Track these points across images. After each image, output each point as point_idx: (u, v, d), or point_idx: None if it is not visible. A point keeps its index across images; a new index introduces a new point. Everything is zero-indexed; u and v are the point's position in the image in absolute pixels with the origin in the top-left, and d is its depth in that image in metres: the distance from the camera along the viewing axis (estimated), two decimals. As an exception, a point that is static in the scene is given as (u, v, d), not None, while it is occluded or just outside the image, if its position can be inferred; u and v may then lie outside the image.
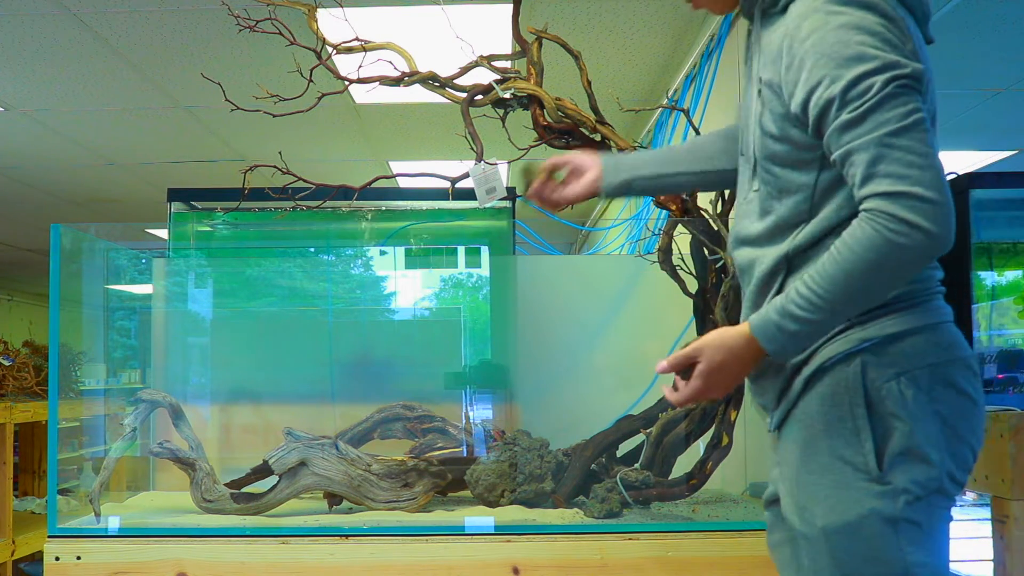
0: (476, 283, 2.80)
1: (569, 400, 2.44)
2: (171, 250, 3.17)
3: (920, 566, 1.24)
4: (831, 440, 1.27)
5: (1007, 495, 1.97)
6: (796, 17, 1.25)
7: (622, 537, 1.91)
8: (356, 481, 2.05)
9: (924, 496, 1.24)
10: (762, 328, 1.25)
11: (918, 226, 1.14)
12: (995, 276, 2.66)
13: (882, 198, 1.15)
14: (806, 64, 1.22)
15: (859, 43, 1.18)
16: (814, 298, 1.21)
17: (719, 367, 1.29)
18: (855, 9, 1.21)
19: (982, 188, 2.27)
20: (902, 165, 1.15)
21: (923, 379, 1.25)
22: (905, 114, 1.16)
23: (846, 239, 1.19)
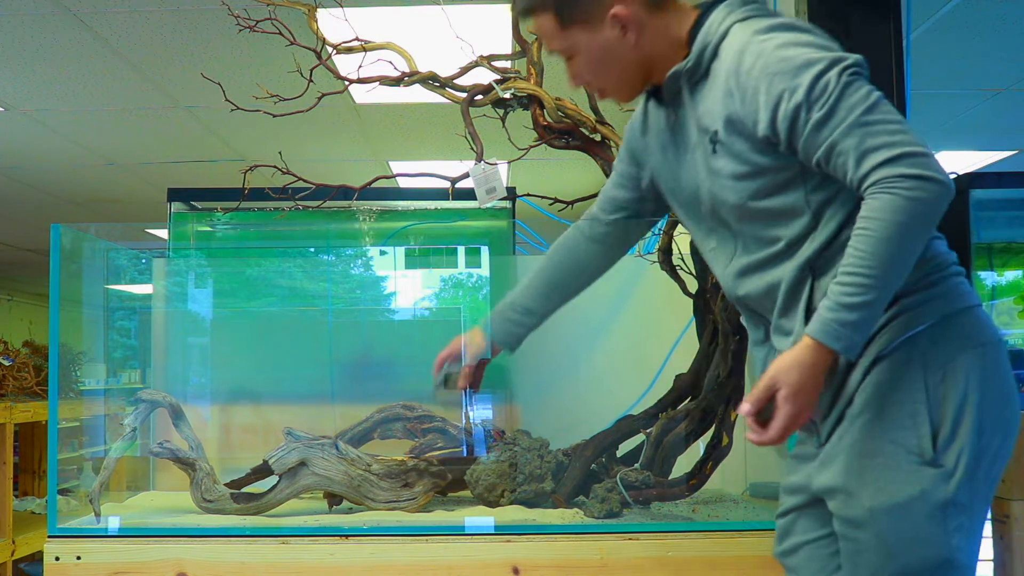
0: (476, 283, 2.80)
1: (569, 400, 2.44)
2: (171, 250, 3.17)
3: (961, 551, 1.27)
4: (885, 424, 1.29)
5: (1007, 495, 1.97)
6: (732, 58, 1.34)
7: (622, 537, 1.91)
8: (356, 481, 2.05)
9: (972, 478, 1.27)
10: (823, 331, 1.26)
11: (927, 177, 1.21)
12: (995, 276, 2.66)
13: (885, 166, 1.22)
14: (761, 88, 1.29)
15: (801, 53, 1.28)
16: (861, 279, 1.23)
17: (801, 387, 1.28)
18: (782, 32, 1.31)
19: (982, 188, 2.27)
20: (887, 134, 1.23)
21: (977, 359, 1.29)
22: (867, 94, 1.25)
23: (868, 214, 1.23)
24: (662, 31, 1.43)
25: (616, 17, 1.41)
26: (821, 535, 1.44)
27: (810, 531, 1.46)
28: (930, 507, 1.25)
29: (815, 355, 1.27)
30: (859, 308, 1.23)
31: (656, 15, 1.43)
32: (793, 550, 1.49)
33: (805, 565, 1.47)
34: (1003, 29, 3.37)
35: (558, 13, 1.44)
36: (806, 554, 1.47)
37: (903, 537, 1.26)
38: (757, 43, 1.31)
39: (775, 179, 1.35)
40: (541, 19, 1.46)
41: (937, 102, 4.21)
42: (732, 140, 1.36)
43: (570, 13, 1.43)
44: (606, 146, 2.09)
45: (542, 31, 1.49)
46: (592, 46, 1.44)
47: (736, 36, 1.34)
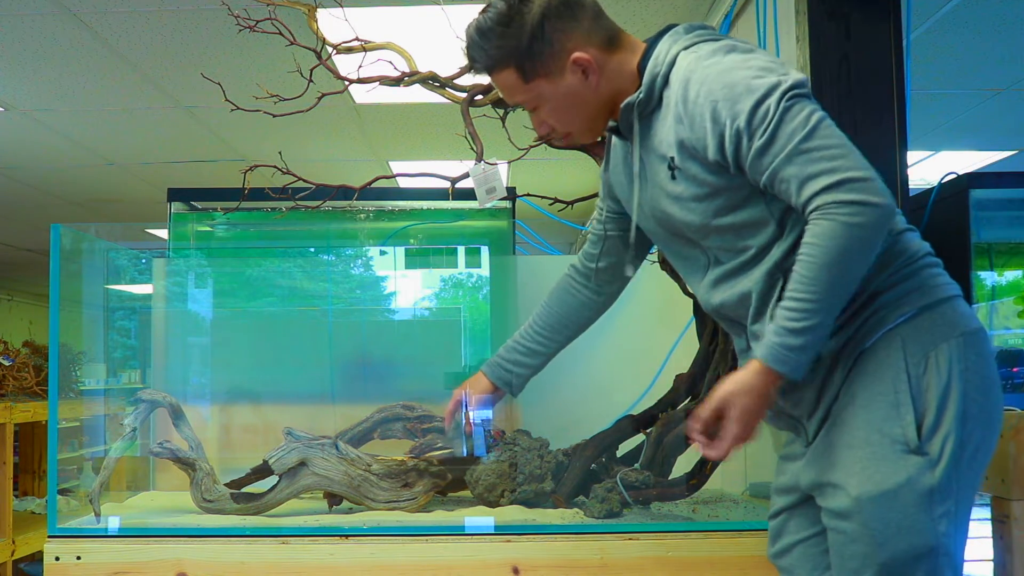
0: (476, 283, 2.80)
1: (569, 400, 2.44)
2: (171, 250, 3.17)
3: (948, 537, 1.28)
4: (869, 414, 1.31)
5: (1007, 495, 1.97)
6: (679, 86, 1.37)
7: (622, 537, 1.91)
8: (356, 481, 2.05)
9: (958, 465, 1.28)
10: (771, 356, 1.30)
11: (865, 202, 1.23)
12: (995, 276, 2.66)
13: (824, 192, 1.25)
14: (706, 115, 1.33)
15: (741, 79, 1.31)
16: (805, 304, 1.27)
17: (748, 409, 1.33)
18: (725, 55, 1.35)
19: (982, 188, 2.27)
20: (827, 160, 1.25)
21: (959, 348, 1.31)
22: (806, 118, 1.27)
23: (810, 239, 1.27)
24: (619, 68, 1.47)
25: (577, 62, 1.44)
26: (813, 533, 1.46)
27: (802, 530, 1.48)
28: (916, 495, 1.27)
29: (763, 379, 1.31)
30: (803, 332, 1.27)
31: (613, 54, 1.47)
32: (786, 550, 1.50)
33: (799, 564, 1.48)
34: (1003, 29, 3.37)
35: (519, 68, 1.46)
36: (799, 553, 1.48)
37: (890, 525, 1.27)
38: (701, 70, 1.34)
39: (734, 196, 1.39)
40: (502, 75, 1.48)
41: (937, 102, 4.21)
42: (687, 165, 1.39)
43: (532, 67, 1.45)
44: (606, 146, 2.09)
45: (504, 86, 1.51)
46: (556, 94, 1.47)
47: (682, 64, 1.38)
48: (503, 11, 1.44)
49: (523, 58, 1.45)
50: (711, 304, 1.50)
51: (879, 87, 2.06)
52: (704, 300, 1.52)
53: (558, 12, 1.43)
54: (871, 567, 1.28)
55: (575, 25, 1.44)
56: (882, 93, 2.06)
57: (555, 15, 1.43)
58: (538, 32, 1.43)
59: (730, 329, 1.53)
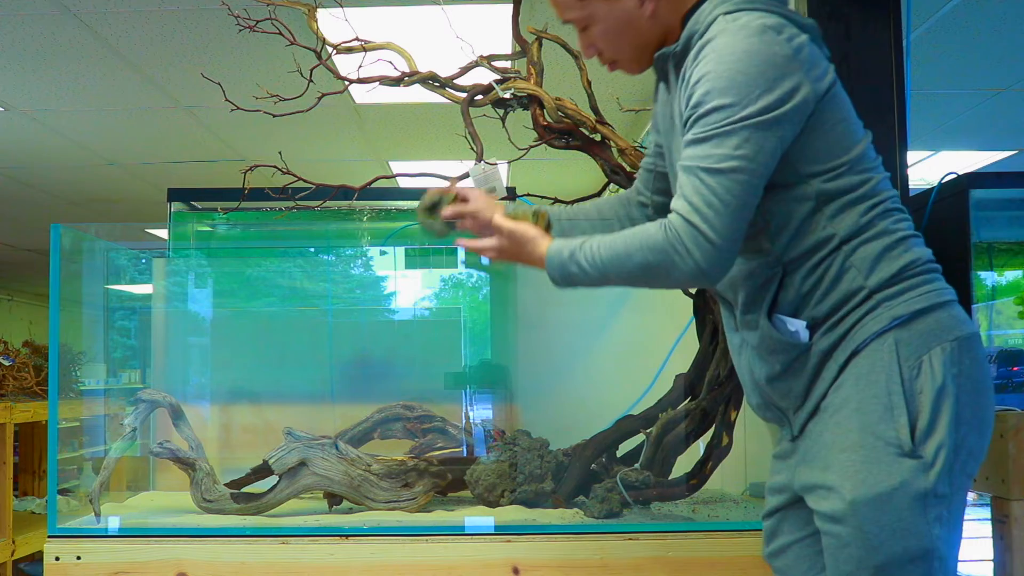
0: (476, 283, 2.80)
1: (569, 400, 2.44)
2: (171, 250, 3.17)
3: (943, 541, 1.28)
4: (863, 417, 1.31)
5: (1007, 495, 1.97)
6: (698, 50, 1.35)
7: (622, 537, 1.91)
8: (356, 481, 2.05)
9: (951, 470, 1.28)
10: (555, 256, 1.40)
11: (692, 256, 1.28)
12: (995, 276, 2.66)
13: (680, 217, 1.29)
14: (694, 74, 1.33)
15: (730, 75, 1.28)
16: (596, 260, 1.36)
17: (506, 254, 1.48)
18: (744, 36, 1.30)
19: (982, 188, 2.27)
20: (704, 201, 1.27)
21: (953, 352, 1.30)
22: (729, 156, 1.27)
23: (646, 229, 1.34)
24: (676, 6, 1.43)
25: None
26: (807, 534, 1.45)
27: (796, 531, 1.48)
28: (911, 498, 1.26)
29: (537, 259, 1.44)
30: (581, 273, 1.38)
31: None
32: (781, 550, 1.50)
33: (794, 565, 1.48)
34: (1003, 29, 3.37)
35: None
36: (794, 554, 1.48)
37: (885, 528, 1.27)
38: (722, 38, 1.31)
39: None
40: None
41: (937, 102, 4.21)
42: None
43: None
44: (606, 146, 2.09)
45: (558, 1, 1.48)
46: (610, 16, 1.44)
47: (716, 27, 1.34)
48: None
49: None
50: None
51: (879, 87, 2.06)
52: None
53: None
54: (865, 570, 1.28)
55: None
56: (882, 93, 2.05)
57: None
58: None
59: (722, 305, 1.53)
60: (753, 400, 1.51)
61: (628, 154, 2.08)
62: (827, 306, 1.35)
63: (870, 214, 1.34)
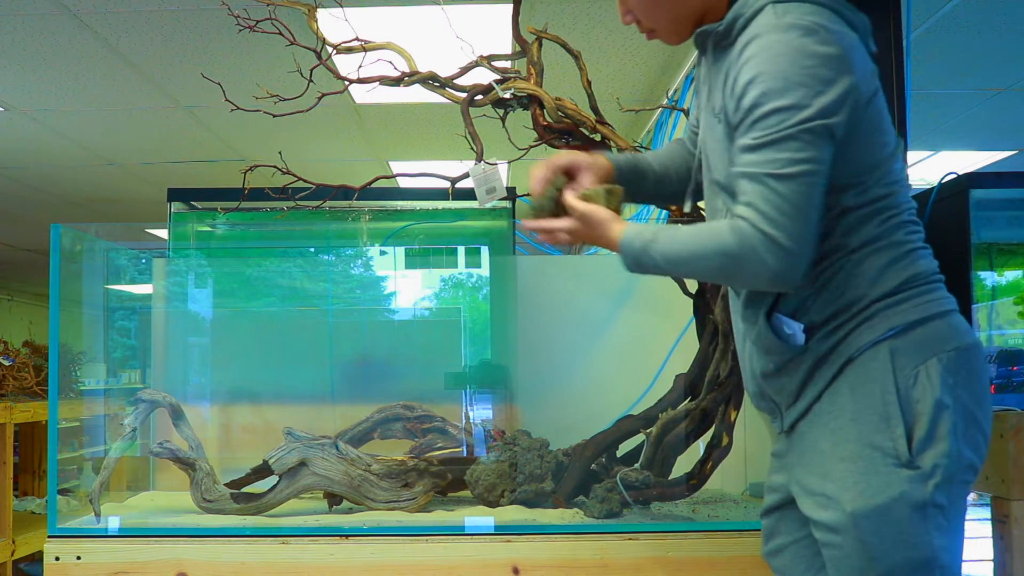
0: (476, 283, 2.80)
1: (569, 400, 2.44)
2: (171, 250, 3.17)
3: (944, 550, 1.27)
4: (860, 427, 1.30)
5: (1007, 495, 1.97)
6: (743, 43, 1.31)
7: (622, 537, 1.91)
8: (356, 481, 2.05)
9: (950, 481, 1.27)
10: (628, 246, 1.40)
11: (767, 264, 1.26)
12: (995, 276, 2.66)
13: (751, 225, 1.26)
14: (740, 84, 1.29)
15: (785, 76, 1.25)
16: (669, 254, 1.36)
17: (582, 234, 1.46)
18: (796, 35, 1.26)
19: (982, 188, 2.27)
20: (774, 208, 1.25)
21: (950, 363, 1.29)
22: (795, 161, 1.24)
23: (718, 229, 1.31)
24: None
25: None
26: (805, 535, 1.45)
27: (794, 531, 1.48)
28: (910, 508, 1.26)
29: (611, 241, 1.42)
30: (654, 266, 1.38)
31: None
32: (779, 550, 1.50)
33: (792, 565, 1.48)
34: (1003, 29, 3.37)
35: None
36: (792, 554, 1.48)
37: (886, 539, 1.27)
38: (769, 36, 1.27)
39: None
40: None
41: (937, 102, 4.21)
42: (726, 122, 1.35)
43: None
44: (606, 146, 2.09)
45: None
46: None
47: (764, 18, 1.30)
48: None
49: None
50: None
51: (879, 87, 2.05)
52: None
53: None
54: None
55: None
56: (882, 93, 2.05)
57: None
58: None
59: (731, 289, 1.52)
60: (750, 388, 1.50)
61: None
62: (827, 312, 1.34)
63: (885, 226, 1.33)
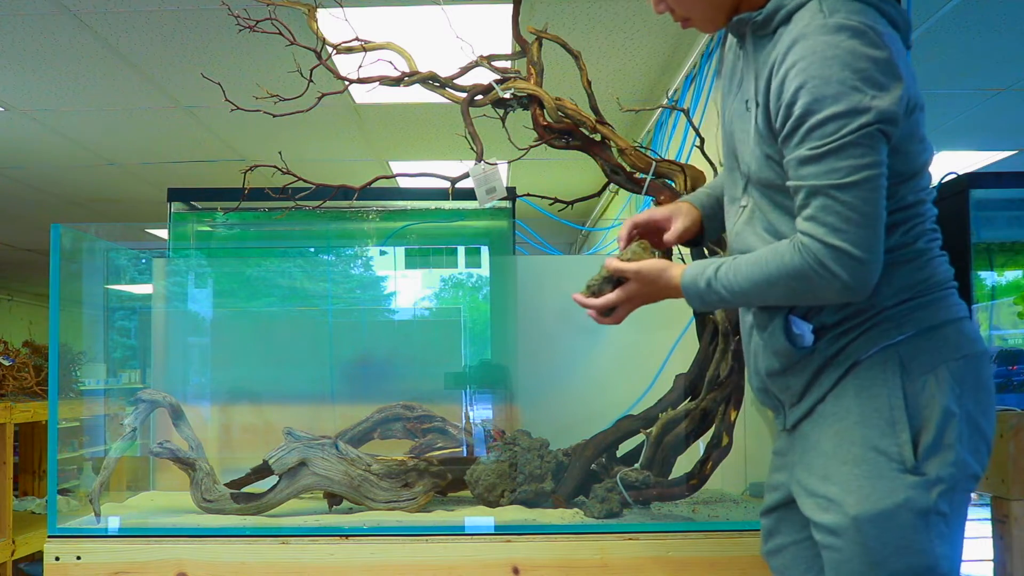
0: (476, 283, 2.80)
1: (569, 400, 2.44)
2: (171, 250, 3.17)
3: (945, 558, 1.27)
4: (866, 431, 1.30)
5: (1007, 495, 1.97)
6: (788, 40, 1.27)
7: (622, 537, 1.91)
8: (356, 481, 2.05)
9: (954, 489, 1.27)
10: (691, 281, 1.40)
11: (839, 277, 1.23)
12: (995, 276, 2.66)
13: (816, 241, 1.23)
14: (789, 86, 1.25)
15: (839, 81, 1.21)
16: (734, 287, 1.35)
17: (644, 294, 1.47)
18: (846, 37, 1.22)
19: (982, 188, 2.27)
20: (841, 219, 1.22)
21: (958, 371, 1.29)
22: (858, 167, 1.20)
23: (780, 252, 1.29)
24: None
25: None
26: (806, 535, 1.45)
27: (794, 532, 1.47)
28: (913, 514, 1.26)
29: (673, 289, 1.43)
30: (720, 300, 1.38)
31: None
32: (779, 550, 1.50)
33: (791, 566, 1.48)
34: (1003, 29, 3.37)
35: None
36: (791, 555, 1.48)
37: (888, 545, 1.26)
38: (816, 38, 1.23)
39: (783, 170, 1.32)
40: None
41: (937, 102, 4.21)
42: (762, 115, 1.32)
43: None
44: (606, 146, 2.09)
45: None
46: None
47: (807, 14, 1.27)
48: None
49: None
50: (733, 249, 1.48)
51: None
52: (729, 243, 1.50)
53: None
54: None
55: None
56: (882, 93, 2.05)
57: None
58: None
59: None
60: (754, 383, 1.50)
61: (628, 154, 2.08)
62: (840, 316, 1.33)
63: (910, 234, 1.32)
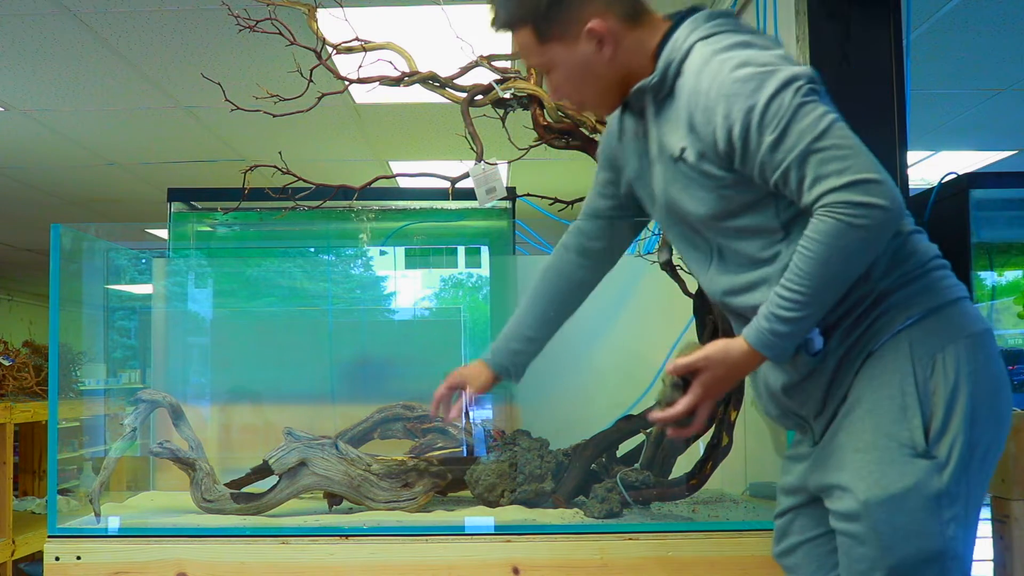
0: (476, 283, 2.80)
1: (569, 400, 2.44)
2: (171, 250, 3.17)
3: (957, 541, 1.28)
4: (877, 418, 1.31)
5: (1007, 495, 1.97)
6: (692, 78, 1.35)
7: (622, 537, 1.91)
8: (356, 481, 2.05)
9: (966, 470, 1.28)
10: (758, 338, 1.33)
11: (874, 205, 1.22)
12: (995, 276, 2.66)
13: (834, 192, 1.24)
14: (719, 109, 1.31)
15: (754, 74, 1.29)
16: (797, 296, 1.28)
17: (720, 379, 1.38)
18: (740, 50, 1.32)
19: (982, 188, 2.27)
20: (838, 160, 1.24)
21: (967, 350, 1.30)
22: (819, 116, 1.26)
23: (812, 235, 1.27)
24: (637, 46, 1.45)
25: (592, 32, 1.42)
26: (819, 534, 1.46)
27: (807, 530, 1.48)
28: (924, 498, 1.27)
29: (746, 357, 1.35)
30: (792, 322, 1.30)
31: (632, 30, 1.45)
32: (791, 550, 1.51)
33: (804, 564, 1.48)
34: (1003, 29, 3.37)
35: (536, 28, 1.46)
36: (804, 553, 1.48)
37: (899, 529, 1.27)
38: (715, 63, 1.32)
39: (742, 197, 1.37)
40: (520, 34, 1.49)
41: (937, 102, 4.21)
42: (696, 159, 1.38)
43: (548, 28, 1.45)
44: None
45: (521, 46, 1.51)
46: (570, 61, 1.46)
47: (697, 55, 1.36)
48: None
49: (539, 18, 1.44)
50: (719, 299, 1.50)
51: (879, 87, 2.05)
52: (710, 292, 1.51)
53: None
54: (879, 570, 1.28)
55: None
56: (882, 93, 2.05)
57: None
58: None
59: (735, 322, 1.52)
60: (772, 412, 1.51)
61: (628, 154, 2.07)
62: (839, 311, 1.35)
63: None
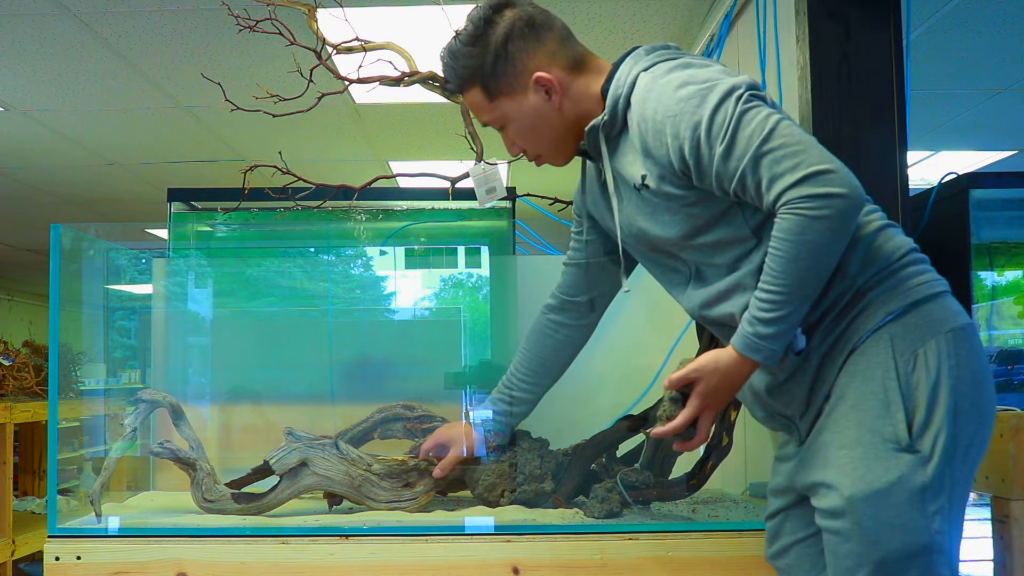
0: (476, 283, 2.80)
1: (569, 400, 2.44)
2: (171, 250, 3.17)
3: (942, 535, 1.29)
4: (860, 414, 1.32)
5: (1007, 495, 1.97)
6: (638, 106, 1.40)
7: (622, 537, 1.91)
8: (357, 481, 2.05)
9: (950, 463, 1.29)
10: (744, 344, 1.35)
11: (832, 194, 1.24)
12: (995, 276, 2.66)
13: (791, 188, 1.26)
14: (667, 130, 1.35)
15: (695, 91, 1.33)
16: (774, 296, 1.30)
17: (715, 388, 1.40)
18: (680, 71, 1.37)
19: (982, 188, 2.27)
20: (790, 158, 1.26)
21: (948, 344, 1.31)
22: (763, 119, 1.29)
23: (779, 234, 1.29)
24: (584, 90, 1.50)
25: (539, 82, 1.47)
26: (810, 534, 1.46)
27: (799, 531, 1.49)
28: (909, 492, 1.27)
29: (737, 365, 1.36)
30: (774, 323, 1.31)
31: (577, 76, 1.50)
32: (783, 551, 1.51)
33: (796, 565, 1.49)
34: (1003, 29, 3.37)
35: (484, 87, 1.50)
36: (797, 554, 1.49)
37: (884, 524, 1.28)
38: (658, 88, 1.36)
39: (709, 211, 1.40)
40: (470, 94, 1.53)
41: (937, 102, 4.21)
42: (657, 183, 1.41)
43: (496, 85, 1.49)
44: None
45: (473, 105, 1.55)
46: (520, 114, 1.51)
47: (641, 84, 1.40)
48: (470, 32, 1.49)
49: (487, 76, 1.49)
50: (696, 314, 1.53)
51: (879, 87, 2.05)
52: (689, 310, 1.54)
53: (522, 32, 1.47)
54: (865, 566, 1.29)
55: (539, 46, 1.48)
56: (882, 93, 2.05)
57: (519, 35, 1.47)
58: (501, 51, 1.47)
59: (719, 333, 1.53)
60: (758, 414, 1.52)
61: (628, 154, 2.07)
62: (820, 309, 1.36)
63: None
